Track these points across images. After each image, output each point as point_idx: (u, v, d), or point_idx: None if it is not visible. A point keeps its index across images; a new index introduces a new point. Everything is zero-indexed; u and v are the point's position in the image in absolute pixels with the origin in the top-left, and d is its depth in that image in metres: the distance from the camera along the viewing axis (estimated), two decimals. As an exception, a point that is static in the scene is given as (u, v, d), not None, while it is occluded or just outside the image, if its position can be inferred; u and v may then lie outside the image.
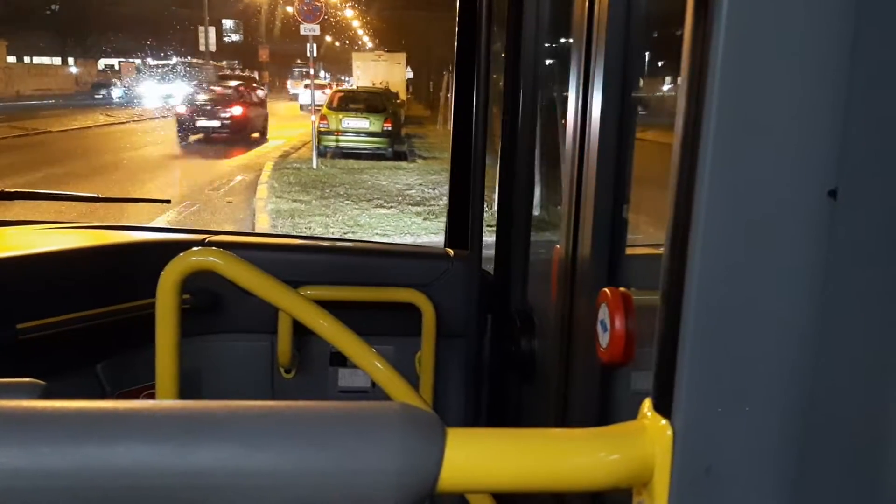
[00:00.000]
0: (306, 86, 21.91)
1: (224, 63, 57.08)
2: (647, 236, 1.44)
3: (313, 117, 14.71)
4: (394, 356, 1.87)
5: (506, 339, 1.77)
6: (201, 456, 0.51)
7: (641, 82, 1.24)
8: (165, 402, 0.56)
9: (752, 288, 0.59)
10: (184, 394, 1.24)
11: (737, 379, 0.60)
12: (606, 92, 1.19)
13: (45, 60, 43.92)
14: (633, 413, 0.65)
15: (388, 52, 33.80)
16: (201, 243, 1.87)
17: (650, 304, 0.92)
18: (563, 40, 1.59)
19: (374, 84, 26.84)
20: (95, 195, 2.37)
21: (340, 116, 16.05)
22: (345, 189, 11.81)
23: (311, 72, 15.60)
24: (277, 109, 29.58)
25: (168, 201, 4.32)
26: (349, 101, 17.03)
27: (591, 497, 1.21)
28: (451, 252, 1.99)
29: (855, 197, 0.57)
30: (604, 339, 1.08)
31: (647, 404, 0.63)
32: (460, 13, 1.94)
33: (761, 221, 0.58)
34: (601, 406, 1.26)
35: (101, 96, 34.29)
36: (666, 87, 1.57)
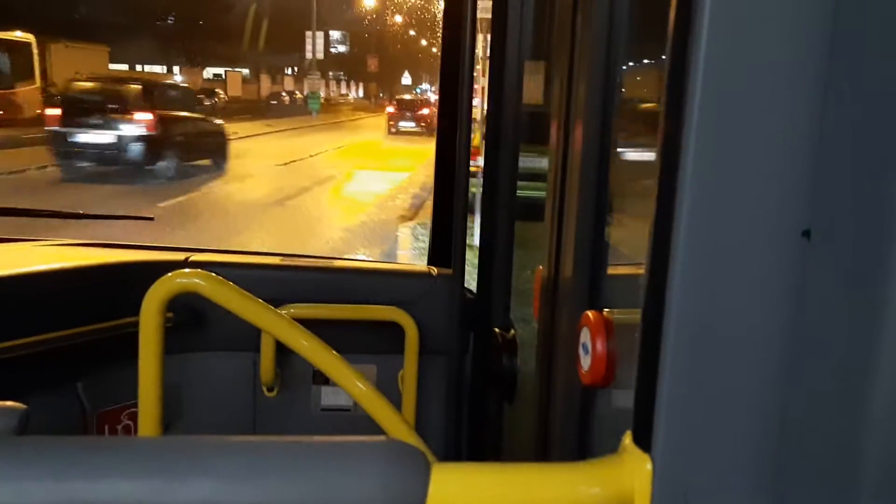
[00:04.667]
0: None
1: (330, 73, 55.59)
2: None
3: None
4: (377, 374, 1.89)
5: (488, 357, 1.73)
6: (185, 492, 0.52)
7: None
8: (149, 438, 0.59)
9: (729, 325, 0.61)
10: (166, 412, 1.19)
11: (714, 414, 0.62)
12: (588, 112, 1.16)
13: (155, 69, 42.83)
14: (613, 435, 0.67)
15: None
16: (184, 262, 1.88)
17: (632, 322, 0.82)
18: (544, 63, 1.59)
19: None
20: (79, 212, 2.40)
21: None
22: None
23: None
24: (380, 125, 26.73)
25: (151, 218, 3.83)
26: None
27: None
28: (435, 270, 1.98)
29: (828, 236, 0.59)
30: (585, 361, 1.07)
31: (627, 437, 0.64)
32: (444, 34, 1.94)
33: (737, 261, 0.60)
34: (582, 427, 1.22)
35: (203, 106, 32.28)
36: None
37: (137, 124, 11.59)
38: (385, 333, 1.85)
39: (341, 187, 13.01)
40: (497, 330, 1.69)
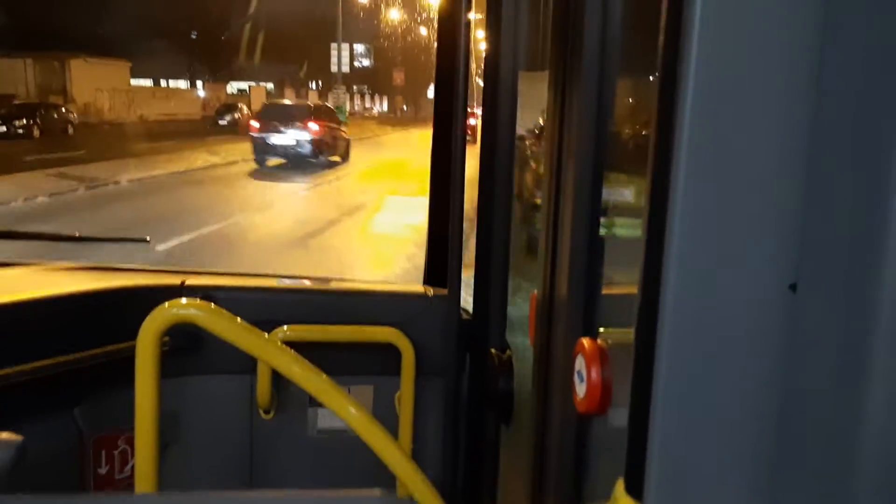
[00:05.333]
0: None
1: (354, 87, 54.83)
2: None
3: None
4: (374, 395, 1.90)
5: (484, 379, 1.71)
6: None
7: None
8: (145, 496, 0.54)
9: (717, 374, 0.62)
10: (163, 436, 1.20)
11: (706, 464, 0.63)
12: (581, 131, 1.16)
13: (178, 83, 42.13)
14: (610, 463, 0.68)
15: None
16: (179, 286, 1.86)
17: (627, 343, 0.85)
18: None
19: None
20: (76, 234, 2.40)
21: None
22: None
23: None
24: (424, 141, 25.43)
25: (146, 240, 3.65)
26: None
27: None
28: (430, 291, 1.98)
29: (814, 290, 0.61)
30: (580, 389, 1.07)
31: (619, 486, 0.65)
32: (438, 55, 1.95)
33: (725, 316, 0.62)
34: (578, 453, 1.22)
35: (225, 122, 31.33)
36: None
37: (309, 131, 16.81)
38: (382, 354, 1.83)
39: (373, 219, 11.15)
40: (493, 351, 1.67)
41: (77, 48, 29.64)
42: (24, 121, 20.47)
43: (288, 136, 16.87)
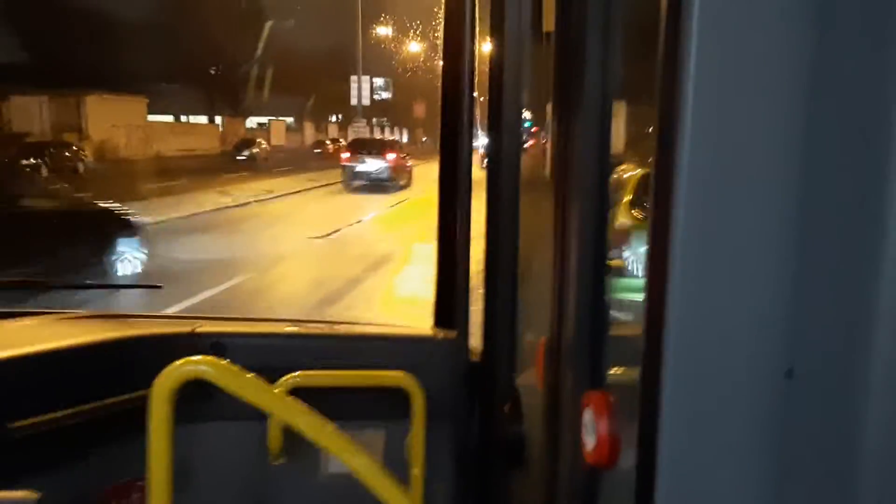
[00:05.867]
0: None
1: (374, 120, 54.45)
2: None
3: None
4: (385, 440, 1.91)
5: (494, 423, 1.74)
6: None
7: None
8: None
9: (716, 467, 0.65)
10: (176, 482, 1.22)
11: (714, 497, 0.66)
12: (582, 166, 1.17)
13: (199, 119, 41.75)
14: None
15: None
16: (190, 334, 1.90)
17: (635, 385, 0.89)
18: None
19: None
20: (87, 283, 2.73)
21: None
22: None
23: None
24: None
25: (160, 286, 3.91)
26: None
27: None
28: (440, 333, 1.99)
29: (810, 376, 0.62)
30: (589, 442, 1.07)
31: None
32: (443, 91, 1.91)
33: (722, 401, 0.63)
34: (588, 502, 1.22)
35: (244, 157, 30.64)
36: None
37: (387, 161, 20.66)
38: (392, 398, 1.81)
39: (402, 276, 9.58)
40: (502, 395, 1.67)
41: (94, 86, 29.19)
42: (32, 160, 19.79)
43: (370, 165, 21.31)
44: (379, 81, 47.65)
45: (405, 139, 58.64)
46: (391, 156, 21.53)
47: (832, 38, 0.58)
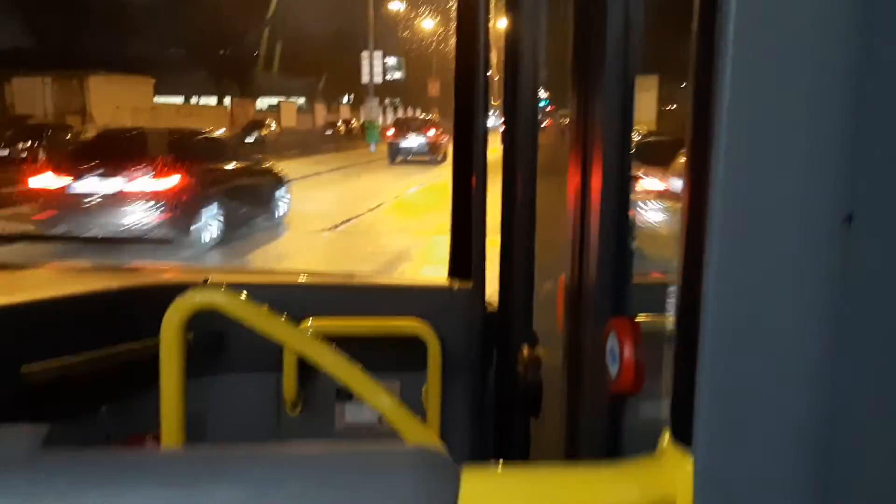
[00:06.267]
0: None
1: (387, 100, 53.43)
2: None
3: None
4: (401, 390, 1.86)
5: (511, 371, 1.71)
6: (211, 501, 0.51)
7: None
8: (173, 449, 0.54)
9: (769, 312, 0.59)
10: (189, 435, 1.21)
11: (758, 409, 0.59)
12: (609, 114, 1.16)
13: (210, 101, 40.91)
14: (644, 444, 0.65)
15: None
16: (202, 283, 1.88)
17: (661, 328, 0.83)
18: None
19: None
20: (98, 235, 3.20)
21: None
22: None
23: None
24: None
25: (170, 241, 4.22)
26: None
27: None
28: (455, 284, 1.98)
29: (870, 222, 0.58)
30: (613, 369, 1.06)
31: (665, 436, 0.62)
32: (458, 42, 1.90)
33: (776, 246, 0.58)
34: (612, 437, 1.22)
35: (252, 140, 29.74)
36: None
37: (427, 136, 22.96)
38: (408, 349, 1.82)
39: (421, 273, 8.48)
40: (520, 343, 1.66)
41: (99, 67, 28.38)
42: (30, 143, 19.03)
43: (412, 141, 24.15)
44: (391, 60, 46.57)
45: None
46: (430, 132, 24.41)
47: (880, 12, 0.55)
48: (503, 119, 1.68)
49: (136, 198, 8.53)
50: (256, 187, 10.92)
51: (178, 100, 37.53)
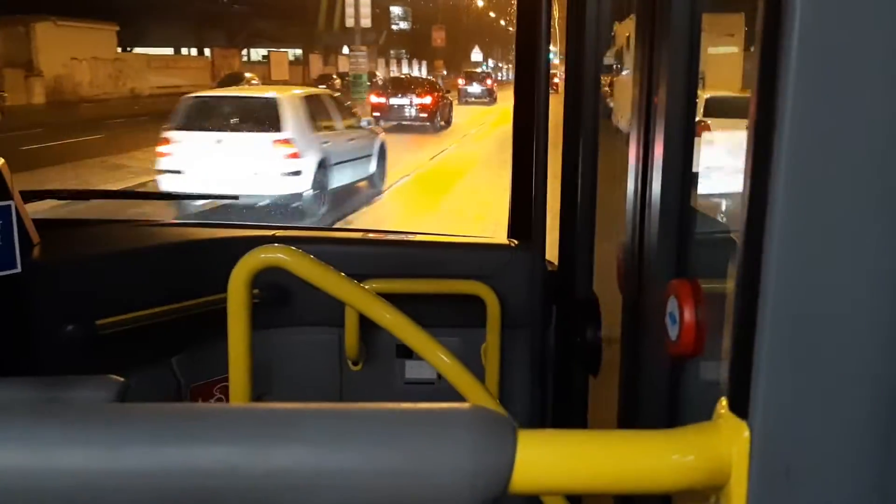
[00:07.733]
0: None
1: (391, 52, 49.36)
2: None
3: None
4: (459, 348, 1.87)
5: (571, 329, 1.75)
6: (278, 456, 0.53)
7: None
8: (242, 405, 0.58)
9: (833, 281, 0.57)
10: (255, 386, 1.25)
11: (817, 376, 0.58)
12: (671, 74, 1.15)
13: (192, 52, 36.97)
14: (702, 407, 0.65)
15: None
16: (271, 238, 1.98)
17: (720, 293, 0.81)
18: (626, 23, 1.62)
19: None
20: (165, 192, 3.83)
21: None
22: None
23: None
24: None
25: (236, 197, 4.55)
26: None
27: (661, 499, 1.16)
28: (515, 243, 2.03)
29: None
30: (673, 331, 1.06)
31: (722, 403, 0.62)
32: (519, 6, 1.97)
33: (843, 213, 0.57)
34: (670, 399, 1.22)
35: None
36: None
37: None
38: (467, 307, 1.86)
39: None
40: (580, 301, 1.68)
41: (50, 11, 24.42)
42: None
43: (475, 88, 28.61)
44: (397, 10, 42.41)
45: (423, 72, 53.61)
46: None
47: None
48: (565, 73, 1.69)
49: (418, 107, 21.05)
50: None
51: (152, 51, 33.54)
